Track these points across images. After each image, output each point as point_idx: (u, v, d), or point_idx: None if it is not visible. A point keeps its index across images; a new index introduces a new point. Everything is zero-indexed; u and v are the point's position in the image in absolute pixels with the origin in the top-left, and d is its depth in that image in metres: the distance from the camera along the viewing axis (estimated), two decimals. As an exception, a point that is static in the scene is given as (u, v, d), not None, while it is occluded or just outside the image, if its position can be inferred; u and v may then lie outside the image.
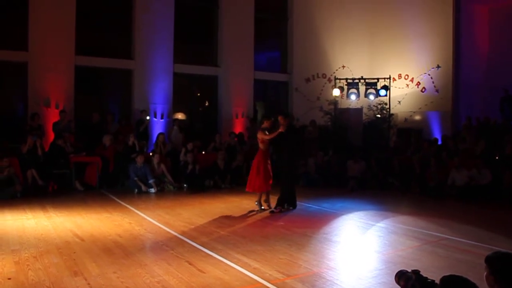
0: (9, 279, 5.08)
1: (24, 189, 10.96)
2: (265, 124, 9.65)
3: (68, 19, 14.09)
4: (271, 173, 9.44)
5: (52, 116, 13.59)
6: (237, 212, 9.16)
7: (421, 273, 2.98)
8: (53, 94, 13.90)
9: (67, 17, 14.09)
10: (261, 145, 9.46)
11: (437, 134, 16.72)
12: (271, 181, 9.44)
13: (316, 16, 18.70)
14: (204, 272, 5.31)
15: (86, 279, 5.05)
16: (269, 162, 9.47)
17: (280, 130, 9.18)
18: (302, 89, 18.18)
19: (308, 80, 18.39)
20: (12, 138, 12.50)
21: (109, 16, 15.40)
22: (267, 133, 9.39)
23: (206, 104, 17.89)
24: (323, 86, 18.45)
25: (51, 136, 13.13)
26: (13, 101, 14.87)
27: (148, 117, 14.68)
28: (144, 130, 14.42)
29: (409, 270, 3.03)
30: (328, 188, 12.74)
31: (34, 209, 9.28)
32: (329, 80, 18.43)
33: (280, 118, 9.38)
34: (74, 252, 6.11)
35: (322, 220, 8.53)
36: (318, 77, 18.57)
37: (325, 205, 10.06)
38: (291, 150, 9.50)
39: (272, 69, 18.68)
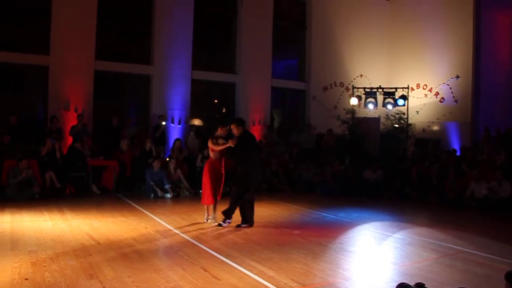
0: (26, 279, 5.12)
1: (42, 191, 11.10)
2: (219, 132, 8.76)
3: (89, 24, 14.26)
4: (221, 186, 8.73)
5: (71, 119, 13.73)
6: (252, 219, 9.12)
7: (426, 286, 2.91)
8: (72, 98, 14.05)
9: (88, 22, 14.25)
10: (211, 154, 8.75)
11: (455, 145, 16.53)
12: (219, 195, 8.72)
13: (334, 24, 18.68)
14: (219, 279, 5.29)
15: (101, 282, 5.06)
16: (222, 173, 8.75)
17: (229, 144, 8.38)
18: (319, 98, 18.13)
19: (325, 88, 18.34)
20: (32, 141, 12.64)
21: (129, 22, 15.54)
22: (219, 142, 8.57)
23: (223, 110, 17.93)
24: (341, 95, 18.38)
25: (69, 139, 13.26)
26: (34, 104, 15.06)
27: (164, 123, 14.73)
28: (160, 136, 14.49)
29: (413, 284, 2.97)
30: (344, 197, 12.64)
31: (51, 211, 9.36)
32: (347, 89, 18.37)
33: (232, 126, 8.52)
34: (90, 255, 6.14)
35: (338, 229, 8.46)
36: (335, 85, 18.52)
37: (341, 215, 9.98)
38: (245, 161, 8.49)
39: (290, 77, 18.65)
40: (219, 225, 8.36)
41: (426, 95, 17.87)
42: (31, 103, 15.29)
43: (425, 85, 17.93)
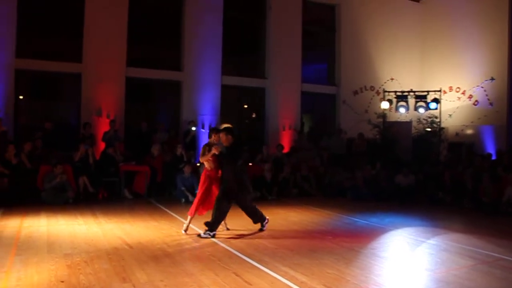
0: (62, 281, 5.23)
1: (76, 196, 11.34)
2: (213, 138, 8.16)
3: (120, 32, 14.52)
4: (212, 197, 8.06)
5: (103, 125, 13.97)
6: (284, 225, 9.11)
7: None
8: (104, 104, 14.30)
9: (119, 30, 14.52)
10: (205, 164, 8.13)
11: (490, 149, 16.17)
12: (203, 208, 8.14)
13: (364, 27, 18.54)
14: (250, 284, 5.28)
15: (134, 286, 5.12)
16: (214, 184, 8.09)
17: (213, 151, 7.84)
18: (349, 102, 18.02)
19: (356, 92, 18.21)
20: (66, 147, 12.90)
21: (159, 29, 15.74)
22: (208, 150, 7.98)
23: (253, 115, 17.96)
24: (371, 98, 18.22)
25: (101, 144, 13.49)
26: (68, 110, 15.38)
27: (194, 128, 14.85)
28: (191, 141, 14.59)
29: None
30: (375, 202, 12.48)
31: (85, 215, 9.53)
32: (377, 93, 18.20)
33: (221, 135, 8.02)
34: (123, 259, 6.22)
35: (370, 235, 8.35)
36: (366, 89, 18.39)
37: (373, 220, 9.85)
38: (228, 171, 7.93)
39: (320, 81, 18.59)
40: (199, 235, 7.73)
41: (459, 98, 17.56)
42: (65, 110, 15.63)
43: (458, 87, 17.63)
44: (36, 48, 14.52)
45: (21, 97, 14.51)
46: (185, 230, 8.02)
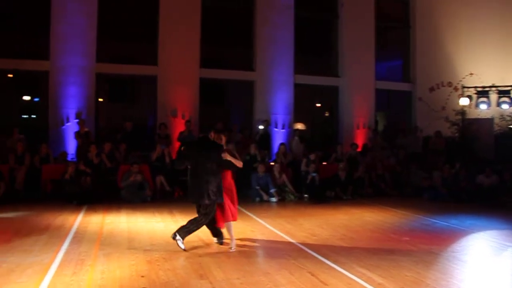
0: (142, 276, 5.44)
1: (153, 194, 11.71)
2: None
3: (193, 35, 14.88)
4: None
5: (179, 125, 14.35)
6: (359, 225, 8.94)
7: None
8: (179, 105, 14.69)
9: (193, 33, 14.88)
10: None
11: None
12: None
13: (440, 21, 17.85)
14: (327, 284, 5.23)
15: (211, 283, 5.22)
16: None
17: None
18: (426, 99, 17.41)
19: (432, 89, 17.56)
20: (144, 147, 13.37)
21: (231, 30, 15.98)
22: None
23: (326, 114, 17.81)
24: (449, 95, 17.51)
25: (177, 144, 13.85)
26: (145, 112, 15.95)
27: (262, 127, 14.94)
28: (264, 140, 14.67)
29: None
30: (455, 203, 11.96)
31: (162, 213, 9.83)
32: (456, 89, 17.47)
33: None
34: (200, 256, 6.35)
35: (449, 237, 8.03)
36: (443, 85, 17.66)
37: (453, 222, 9.45)
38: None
39: (394, 78, 18.14)
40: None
41: (547, 92, 16.51)
42: (142, 111, 16.23)
43: (546, 81, 16.57)
44: (114, 52, 15.19)
45: (100, 99, 15.20)
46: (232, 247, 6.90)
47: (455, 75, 17.78)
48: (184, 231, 6.76)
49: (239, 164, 7.16)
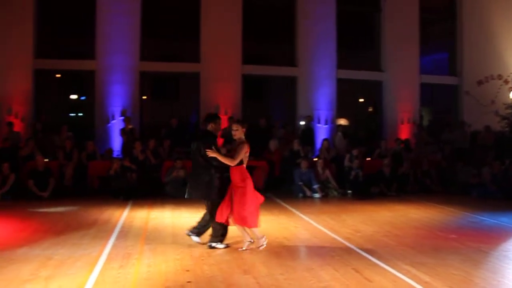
0: (187, 271, 5.50)
1: (197, 190, 11.80)
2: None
3: (235, 31, 14.98)
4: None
5: (222, 122, 14.39)
6: (404, 222, 8.76)
7: None
8: (222, 102, 14.80)
9: (234, 30, 14.98)
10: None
11: None
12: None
13: (488, 11, 17.29)
14: (371, 281, 5.16)
15: (255, 278, 5.22)
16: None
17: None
18: (473, 92, 16.91)
19: (480, 82, 17.04)
20: (187, 143, 13.52)
21: (273, 26, 15.96)
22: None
23: (370, 109, 17.58)
24: (499, 88, 16.95)
25: (220, 141, 13.93)
26: (188, 108, 16.14)
27: (303, 122, 14.85)
28: (307, 136, 14.60)
29: None
30: (505, 201, 11.54)
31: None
32: (506, 82, 16.90)
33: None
34: (244, 252, 6.37)
35: (500, 235, 7.76)
36: (492, 79, 17.11)
37: (503, 220, 9.10)
38: None
39: (440, 72, 17.71)
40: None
41: None
42: (185, 108, 16.43)
43: None
44: (158, 50, 15.45)
45: (144, 97, 15.48)
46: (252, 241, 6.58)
47: (505, 67, 17.23)
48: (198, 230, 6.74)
49: (227, 162, 6.45)
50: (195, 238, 6.74)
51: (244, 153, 6.59)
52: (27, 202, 10.57)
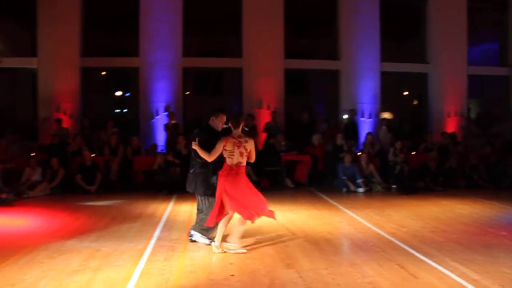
0: (231, 264, 5.54)
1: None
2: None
3: (277, 25, 14.95)
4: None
5: (265, 116, 14.46)
6: (451, 217, 8.52)
7: None
8: (264, 96, 14.81)
9: (276, 24, 14.95)
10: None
11: None
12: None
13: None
14: (417, 278, 5.04)
15: (298, 273, 5.20)
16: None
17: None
18: (525, 84, 16.28)
19: (532, 72, 16.37)
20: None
21: (315, 19, 15.83)
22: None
23: (415, 102, 17.21)
24: (555, 79, 16.23)
25: (263, 135, 13.97)
26: (230, 103, 16.24)
27: (346, 116, 14.66)
28: (351, 130, 14.42)
29: None
30: None
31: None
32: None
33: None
34: (287, 246, 6.36)
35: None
36: (549, 68, 16.41)
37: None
38: None
39: (489, 62, 17.12)
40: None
41: None
42: (228, 103, 16.52)
43: None
44: (200, 46, 15.58)
45: (187, 92, 15.65)
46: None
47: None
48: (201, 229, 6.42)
49: (205, 156, 6.11)
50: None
51: (221, 149, 6.09)
52: (76, 196, 10.94)
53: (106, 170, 12.11)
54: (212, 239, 6.22)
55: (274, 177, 12.65)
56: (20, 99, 16.60)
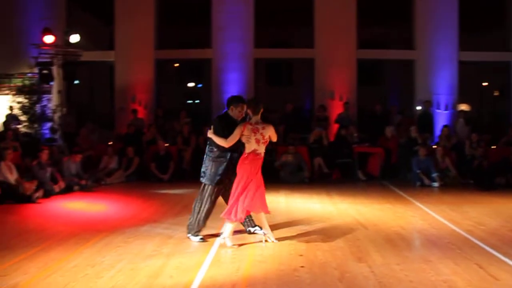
0: (301, 255, 5.50)
1: (311, 176, 11.89)
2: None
3: (349, 16, 14.74)
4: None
5: (336, 108, 14.29)
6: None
7: None
8: (337, 87, 14.64)
9: (348, 13, 14.75)
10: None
11: None
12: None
13: None
14: (497, 279, 4.77)
15: (370, 267, 5.08)
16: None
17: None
18: None
19: None
20: (300, 129, 13.56)
21: (389, 8, 15.41)
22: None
23: (496, 93, 16.38)
24: None
25: (334, 126, 13.81)
26: (302, 94, 16.17)
27: (419, 107, 14.24)
28: (427, 122, 13.94)
29: None
30: None
31: (320, 194, 9.89)
32: None
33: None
34: (358, 239, 6.24)
35: None
36: None
37: None
38: None
39: None
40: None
41: None
42: (299, 94, 16.47)
43: None
44: (271, 37, 15.59)
45: (259, 83, 15.73)
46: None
47: None
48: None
49: (222, 142, 6.01)
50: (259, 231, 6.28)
51: (239, 134, 5.92)
52: (149, 184, 11.30)
53: (179, 159, 12.41)
54: (259, 227, 6.25)
55: (346, 169, 12.51)
56: (98, 91, 17.38)
